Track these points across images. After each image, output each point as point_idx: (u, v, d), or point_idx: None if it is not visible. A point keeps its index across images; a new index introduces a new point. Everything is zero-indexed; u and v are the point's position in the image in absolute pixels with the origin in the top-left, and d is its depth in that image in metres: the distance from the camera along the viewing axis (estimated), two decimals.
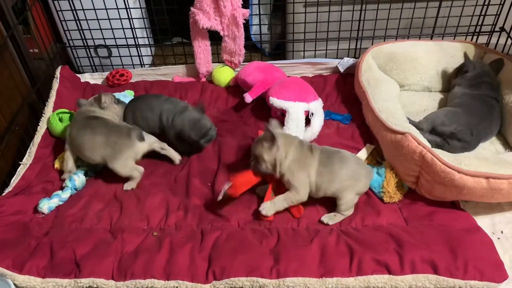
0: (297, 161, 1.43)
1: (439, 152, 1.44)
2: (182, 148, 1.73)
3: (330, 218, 1.46)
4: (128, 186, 1.61)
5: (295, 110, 1.76)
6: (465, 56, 1.91)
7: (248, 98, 1.88)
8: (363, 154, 1.70)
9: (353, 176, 1.43)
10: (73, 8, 2.14)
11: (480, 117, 1.69)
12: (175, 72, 2.24)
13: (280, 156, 1.42)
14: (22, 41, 2.01)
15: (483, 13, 2.17)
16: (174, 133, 1.69)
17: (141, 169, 1.62)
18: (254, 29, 2.46)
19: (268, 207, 1.45)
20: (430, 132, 1.67)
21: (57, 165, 1.70)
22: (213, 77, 2.16)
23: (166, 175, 1.67)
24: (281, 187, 1.48)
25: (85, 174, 1.65)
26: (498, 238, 1.41)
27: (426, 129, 1.67)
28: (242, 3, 1.97)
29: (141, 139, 1.61)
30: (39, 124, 1.87)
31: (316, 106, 1.82)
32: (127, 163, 1.59)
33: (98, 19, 2.16)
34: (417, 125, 1.67)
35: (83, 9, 2.13)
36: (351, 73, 2.05)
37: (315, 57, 2.30)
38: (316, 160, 1.44)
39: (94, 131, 1.60)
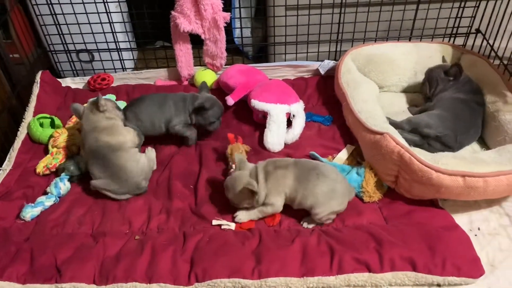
0: (271, 191, 1.43)
1: (417, 151, 1.47)
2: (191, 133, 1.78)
3: (309, 222, 1.47)
4: None
5: (276, 112, 1.78)
6: (445, 60, 1.91)
7: (230, 101, 1.89)
8: (343, 154, 1.72)
9: (328, 194, 1.42)
10: (53, 13, 2.12)
11: (466, 124, 1.71)
12: (157, 76, 2.24)
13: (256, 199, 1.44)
14: (2, 46, 2.00)
15: (459, 15, 2.22)
16: (192, 108, 1.74)
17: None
18: (237, 33, 2.48)
19: (242, 215, 1.46)
20: (410, 132, 1.70)
21: (38, 170, 1.69)
22: (195, 80, 2.17)
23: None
24: None
25: (69, 180, 1.64)
26: (475, 235, 1.44)
27: (407, 129, 1.70)
28: (223, 6, 1.98)
29: None
30: (19, 129, 1.86)
31: (298, 108, 1.84)
32: None
33: (78, 24, 2.15)
34: (397, 124, 1.70)
35: (63, 14, 2.12)
36: (332, 75, 2.08)
37: (296, 60, 2.32)
38: (292, 176, 1.44)
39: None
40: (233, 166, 1.60)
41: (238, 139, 1.74)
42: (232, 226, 1.47)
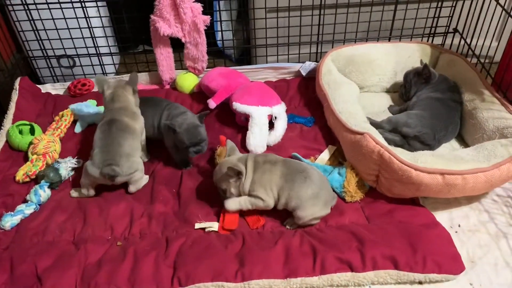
0: (255, 181, 1.45)
1: (396, 151, 1.49)
2: (176, 155, 1.71)
3: (292, 224, 1.47)
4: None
5: (258, 114, 1.78)
6: (423, 63, 1.92)
7: (212, 104, 1.89)
8: (325, 155, 1.73)
9: (311, 199, 1.42)
10: (30, 19, 2.10)
11: (444, 122, 1.74)
12: (139, 80, 2.22)
13: (242, 182, 1.45)
14: None
15: (437, 15, 2.25)
16: (169, 135, 1.65)
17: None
18: (220, 35, 2.48)
19: (231, 202, 1.47)
20: (390, 131, 1.72)
21: (18, 177, 1.66)
22: (176, 84, 2.16)
23: None
24: None
25: (50, 187, 1.62)
26: (456, 232, 1.46)
27: (387, 129, 1.72)
28: (203, 9, 1.98)
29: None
30: None
31: (279, 110, 1.84)
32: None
33: (57, 29, 2.13)
34: (377, 124, 1.72)
35: (41, 19, 2.10)
36: (313, 77, 2.09)
37: (278, 62, 2.33)
38: (279, 172, 1.45)
39: None
40: None
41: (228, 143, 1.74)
42: (215, 226, 1.47)
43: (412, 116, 1.74)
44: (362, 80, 2.03)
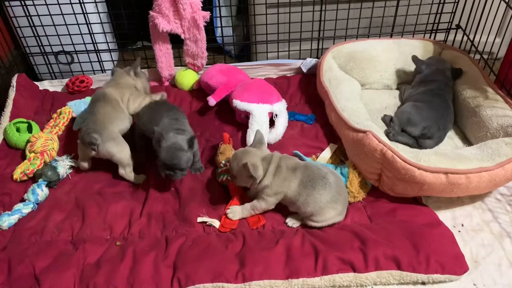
0: (272, 186, 1.42)
1: (399, 149, 1.47)
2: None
3: (294, 222, 1.46)
4: None
5: (258, 112, 1.76)
6: (414, 58, 1.91)
7: (212, 101, 1.87)
8: (327, 153, 1.71)
9: (330, 203, 1.40)
10: (28, 14, 2.07)
11: (440, 110, 1.73)
12: None
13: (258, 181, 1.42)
14: None
15: (439, 11, 2.22)
16: (155, 142, 1.55)
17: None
18: (219, 32, 2.45)
19: (235, 212, 1.45)
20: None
21: (15, 176, 1.64)
22: (176, 80, 2.14)
23: (129, 182, 1.64)
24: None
25: (47, 185, 1.60)
26: (459, 231, 1.45)
27: (397, 130, 1.71)
28: (202, 5, 1.95)
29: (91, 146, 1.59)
30: None
31: (280, 107, 1.82)
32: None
33: (55, 25, 2.10)
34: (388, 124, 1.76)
35: (38, 15, 2.07)
36: (314, 73, 2.07)
37: (278, 58, 2.30)
38: (298, 180, 1.41)
39: None
40: (227, 164, 1.59)
41: (230, 141, 1.72)
42: (216, 223, 1.45)
43: (409, 111, 1.73)
44: (363, 77, 2.00)
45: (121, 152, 1.61)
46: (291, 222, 1.46)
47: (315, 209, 1.40)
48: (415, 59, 1.90)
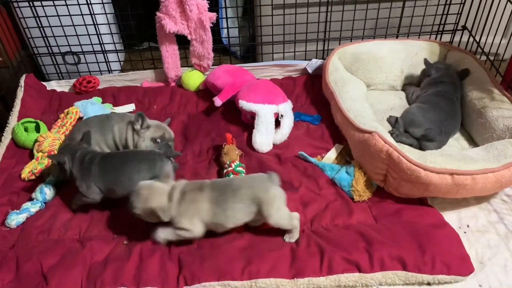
0: (181, 214, 1.32)
1: (405, 150, 1.47)
2: None
3: (290, 237, 1.39)
4: None
5: (264, 112, 1.77)
6: (425, 61, 1.91)
7: (218, 101, 1.88)
8: (332, 154, 1.71)
9: (251, 198, 1.32)
10: (36, 15, 2.09)
11: (446, 112, 1.72)
12: (144, 78, 2.22)
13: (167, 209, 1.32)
14: None
15: (445, 12, 2.22)
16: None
17: None
18: (225, 33, 2.46)
19: (162, 234, 1.36)
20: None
21: (23, 175, 1.66)
22: (182, 81, 2.15)
23: None
24: None
25: (55, 185, 1.61)
26: (465, 232, 1.45)
27: (402, 131, 1.71)
28: (208, 6, 1.97)
29: None
30: (4, 134, 1.83)
31: (286, 108, 1.83)
32: None
33: (62, 26, 2.12)
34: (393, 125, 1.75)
35: (46, 16, 2.09)
36: (320, 74, 2.07)
37: (284, 59, 2.31)
38: (207, 198, 1.33)
39: None
40: (231, 164, 1.60)
41: (233, 141, 1.72)
42: None
43: (414, 112, 1.72)
44: (369, 78, 2.01)
45: None
46: (288, 238, 1.40)
47: (236, 220, 1.34)
48: (426, 62, 1.90)
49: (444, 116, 1.71)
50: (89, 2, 2.05)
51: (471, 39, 2.14)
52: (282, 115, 1.80)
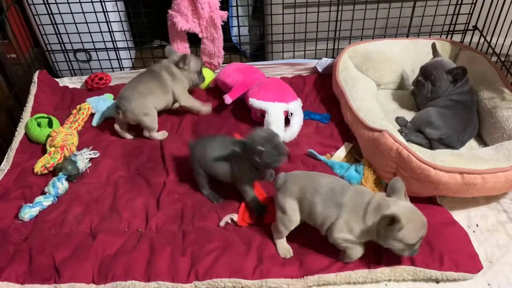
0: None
1: (415, 149, 1.48)
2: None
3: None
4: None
5: (274, 110, 1.78)
6: (462, 67, 1.75)
7: (228, 99, 1.89)
8: (342, 152, 1.72)
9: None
10: (50, 12, 2.12)
11: (465, 123, 1.71)
12: None
13: None
14: None
15: (456, 12, 2.22)
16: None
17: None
18: (235, 31, 2.48)
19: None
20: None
21: (36, 169, 1.68)
22: None
23: (146, 176, 1.67)
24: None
25: (67, 179, 1.64)
26: (474, 231, 1.45)
27: (413, 129, 1.70)
28: (220, 5, 1.98)
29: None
30: (17, 129, 1.86)
31: (295, 106, 1.84)
32: None
33: (75, 23, 2.15)
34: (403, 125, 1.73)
35: (60, 13, 2.12)
36: (329, 73, 2.08)
37: (294, 58, 2.32)
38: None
39: None
40: None
41: None
42: (235, 217, 1.46)
43: (434, 115, 1.68)
44: (379, 77, 2.01)
45: (147, 119, 1.79)
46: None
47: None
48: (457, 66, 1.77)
49: (463, 126, 1.69)
50: (102, 0, 2.07)
51: (482, 39, 2.13)
52: (292, 113, 1.81)
